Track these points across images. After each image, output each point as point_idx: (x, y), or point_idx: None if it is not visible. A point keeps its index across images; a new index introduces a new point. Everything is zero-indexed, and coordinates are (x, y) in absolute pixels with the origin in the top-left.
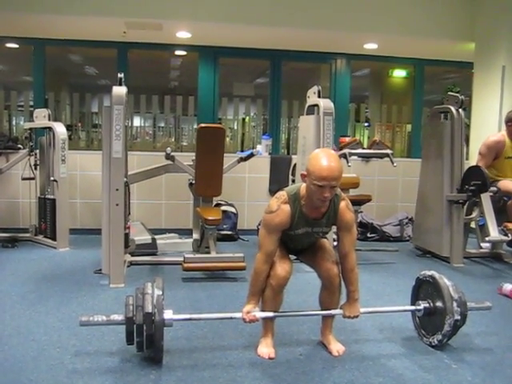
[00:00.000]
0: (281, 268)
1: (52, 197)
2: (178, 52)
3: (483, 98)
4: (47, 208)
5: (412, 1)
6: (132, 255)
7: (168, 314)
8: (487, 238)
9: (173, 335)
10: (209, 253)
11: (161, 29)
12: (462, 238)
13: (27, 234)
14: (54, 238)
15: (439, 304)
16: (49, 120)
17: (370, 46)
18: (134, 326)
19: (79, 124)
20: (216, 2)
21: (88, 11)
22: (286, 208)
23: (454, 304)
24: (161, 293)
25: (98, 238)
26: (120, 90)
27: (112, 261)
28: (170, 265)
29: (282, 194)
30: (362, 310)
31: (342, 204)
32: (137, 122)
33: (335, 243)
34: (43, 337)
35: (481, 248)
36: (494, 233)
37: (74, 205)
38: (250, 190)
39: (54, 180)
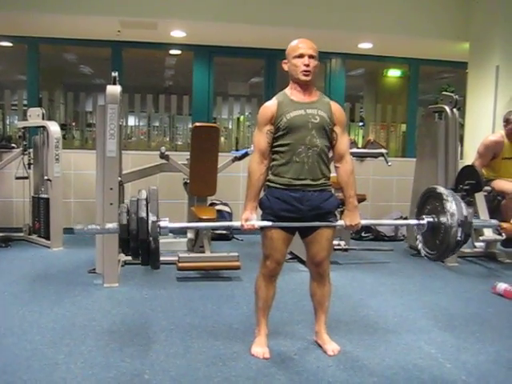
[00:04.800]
0: (272, 260)
1: (46, 196)
2: (173, 51)
3: (477, 97)
4: (41, 207)
5: (407, 0)
6: (126, 255)
7: (164, 222)
8: (481, 238)
9: (167, 335)
10: (203, 252)
11: (155, 28)
12: None
13: (21, 234)
14: (47, 238)
15: (443, 220)
16: (43, 119)
17: (365, 46)
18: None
19: (73, 123)
20: (211, 0)
21: (82, 10)
22: (273, 100)
23: (459, 224)
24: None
25: (91, 237)
26: (114, 89)
27: (106, 260)
28: (165, 264)
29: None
30: (363, 221)
31: (333, 102)
32: (131, 121)
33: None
34: (37, 336)
35: (475, 247)
36: (488, 232)
37: (67, 204)
38: (244, 190)
39: (48, 179)
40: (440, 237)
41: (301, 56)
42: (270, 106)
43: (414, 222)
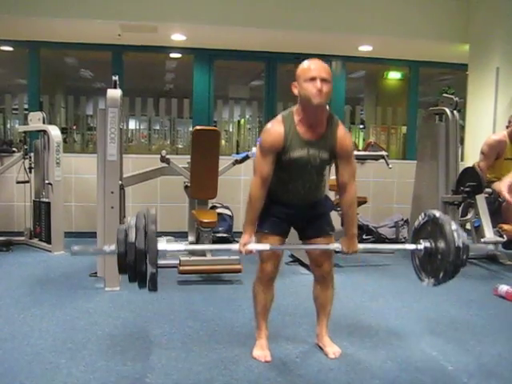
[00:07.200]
0: (268, 263)
1: (47, 200)
2: (173, 55)
3: (478, 99)
4: (42, 211)
5: (407, 3)
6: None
7: (162, 245)
8: (482, 240)
9: (168, 338)
10: (204, 255)
11: (156, 31)
12: None
13: (22, 238)
14: (48, 242)
15: (441, 245)
16: (43, 123)
17: (365, 48)
18: (126, 260)
19: (74, 127)
20: (211, 4)
21: (83, 14)
22: (280, 126)
23: (457, 249)
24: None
25: (93, 241)
26: (115, 93)
27: (107, 264)
28: (166, 268)
29: (277, 117)
30: (360, 246)
31: (341, 129)
32: (132, 124)
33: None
34: (38, 341)
35: None
36: (490, 234)
37: (68, 208)
38: (245, 193)
39: (49, 183)
40: (437, 262)
41: (313, 79)
42: (277, 135)
43: (411, 246)
